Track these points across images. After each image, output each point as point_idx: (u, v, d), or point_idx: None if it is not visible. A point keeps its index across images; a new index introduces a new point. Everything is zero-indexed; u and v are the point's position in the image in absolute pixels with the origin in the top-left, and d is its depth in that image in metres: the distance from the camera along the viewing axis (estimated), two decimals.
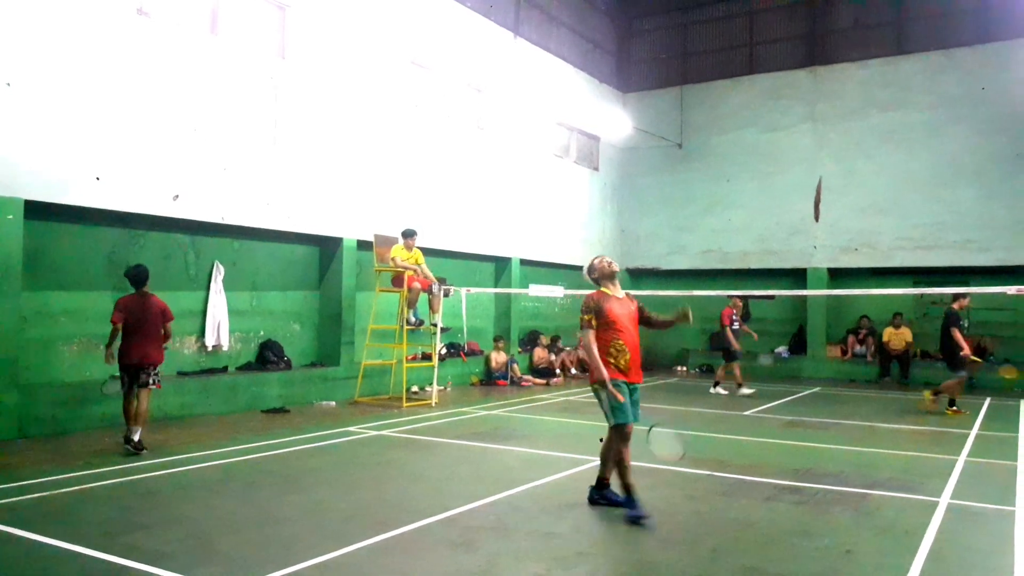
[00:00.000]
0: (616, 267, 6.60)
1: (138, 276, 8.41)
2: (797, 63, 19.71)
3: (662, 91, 21.46)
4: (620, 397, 5.88)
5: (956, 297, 12.38)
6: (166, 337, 8.46)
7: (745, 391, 14.47)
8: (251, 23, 11.67)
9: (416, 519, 5.77)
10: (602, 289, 6.36)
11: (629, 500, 5.92)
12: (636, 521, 5.75)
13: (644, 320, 6.43)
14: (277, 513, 5.93)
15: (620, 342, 6.06)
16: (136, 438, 8.04)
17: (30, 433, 8.83)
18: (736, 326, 14.90)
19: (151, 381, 8.26)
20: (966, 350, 11.91)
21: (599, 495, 6.31)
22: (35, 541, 5.14)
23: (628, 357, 6.06)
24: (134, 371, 8.19)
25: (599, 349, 6.02)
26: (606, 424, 6.10)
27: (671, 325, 6.60)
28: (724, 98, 20.53)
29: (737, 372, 14.73)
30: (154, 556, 4.86)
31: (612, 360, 6.01)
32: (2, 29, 8.61)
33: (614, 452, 6.06)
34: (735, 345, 14.74)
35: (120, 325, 8.11)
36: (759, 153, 19.89)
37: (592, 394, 6.24)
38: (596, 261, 6.58)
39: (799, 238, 19.33)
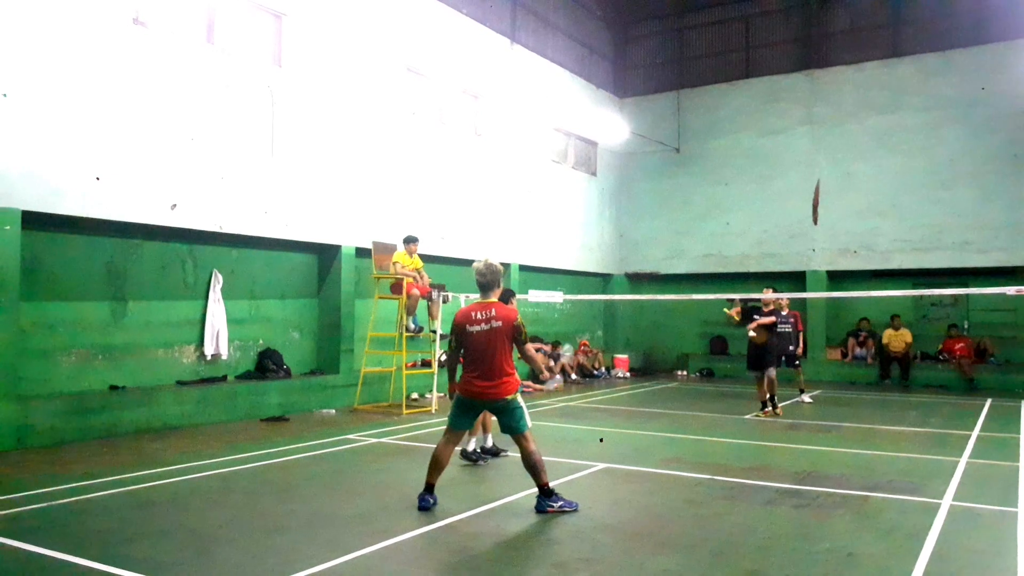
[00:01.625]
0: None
1: None
2: (793, 67, 19.75)
3: (659, 96, 21.50)
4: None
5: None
6: None
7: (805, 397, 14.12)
8: (247, 32, 11.68)
9: (417, 526, 5.76)
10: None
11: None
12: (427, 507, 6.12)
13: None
14: (276, 522, 5.90)
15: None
16: None
17: (28, 444, 8.80)
18: (783, 329, 13.41)
19: None
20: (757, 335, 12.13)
21: (548, 503, 6.22)
22: (33, 552, 5.11)
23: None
24: None
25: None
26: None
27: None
28: (721, 102, 20.56)
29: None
30: (153, 566, 4.84)
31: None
32: None
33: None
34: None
35: None
36: (757, 157, 19.92)
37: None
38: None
39: (798, 241, 19.34)
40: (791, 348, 13.79)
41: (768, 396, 12.24)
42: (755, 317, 12.70)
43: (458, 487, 7.31)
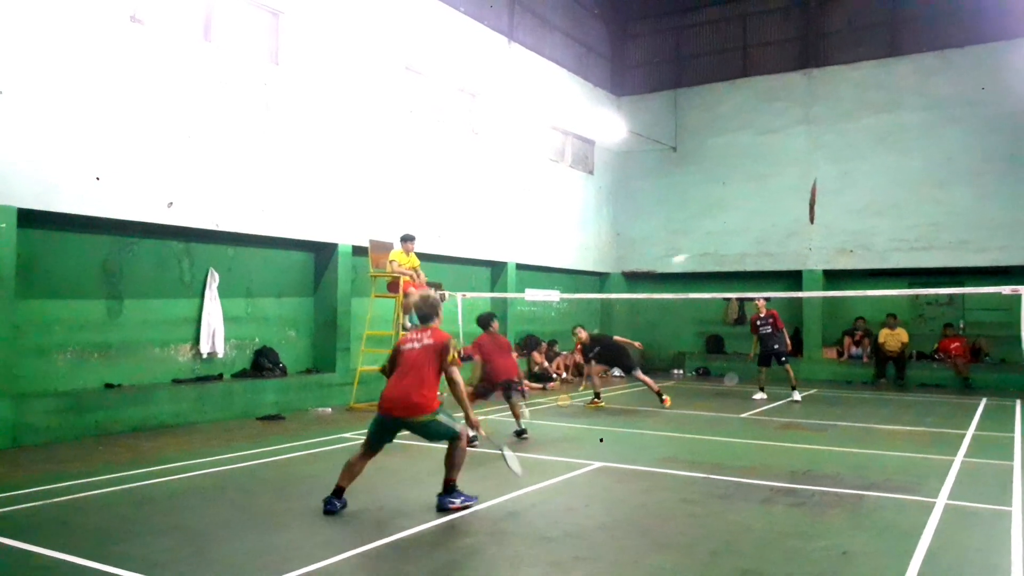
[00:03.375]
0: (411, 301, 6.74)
1: None
2: (791, 65, 19.77)
3: (657, 95, 21.51)
4: None
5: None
6: None
7: (756, 396, 14.28)
8: (244, 29, 11.66)
9: (412, 525, 5.75)
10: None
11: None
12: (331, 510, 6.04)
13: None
14: (273, 520, 5.90)
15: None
16: None
17: (24, 442, 8.78)
18: (765, 330, 14.65)
19: None
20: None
21: (449, 499, 6.23)
22: (29, 551, 5.11)
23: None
24: None
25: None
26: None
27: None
28: (719, 101, 20.57)
29: (761, 378, 14.65)
30: (148, 565, 4.84)
31: None
32: None
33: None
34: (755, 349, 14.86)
35: None
36: (754, 155, 19.93)
37: None
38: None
39: (795, 240, 19.36)
40: (775, 347, 14.51)
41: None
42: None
43: None
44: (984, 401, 14.05)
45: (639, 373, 13.40)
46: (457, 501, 6.21)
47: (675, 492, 6.92)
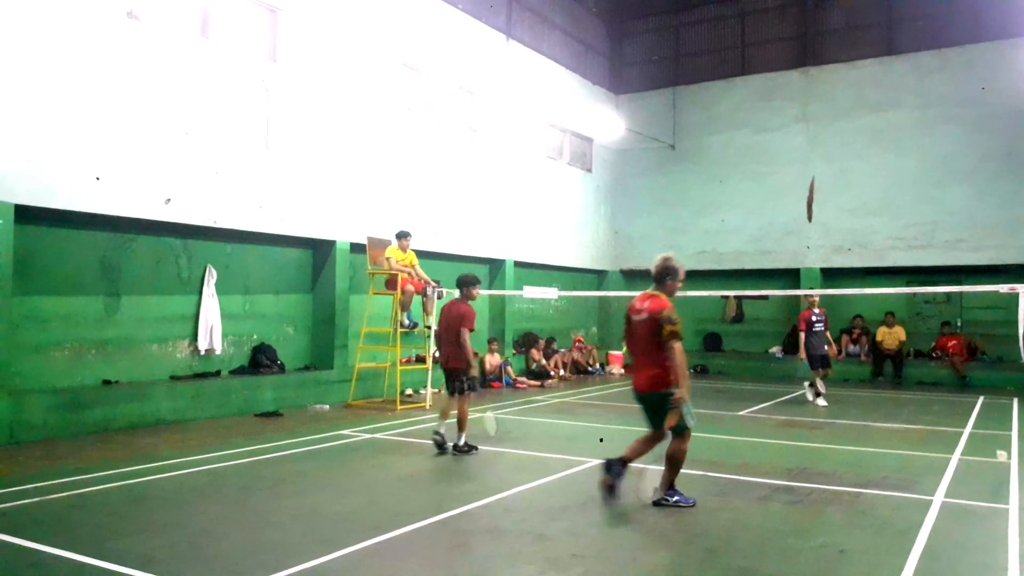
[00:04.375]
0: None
1: None
2: (789, 64, 19.77)
3: (655, 92, 21.50)
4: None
5: None
6: None
7: (819, 401, 13.24)
8: (242, 26, 11.64)
9: (409, 522, 5.75)
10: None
11: None
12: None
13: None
14: (269, 518, 5.90)
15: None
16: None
17: (21, 439, 8.77)
18: (818, 328, 13.40)
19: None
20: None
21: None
22: (26, 547, 5.10)
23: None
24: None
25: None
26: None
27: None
28: (716, 99, 20.57)
29: (818, 382, 13.42)
30: (145, 561, 4.83)
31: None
32: None
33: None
34: (803, 353, 13.35)
35: None
36: (752, 154, 19.94)
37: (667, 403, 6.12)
38: (676, 261, 6.71)
39: (792, 238, 19.37)
40: (826, 348, 13.49)
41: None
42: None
43: (450, 483, 7.32)
44: (981, 399, 14.08)
45: None
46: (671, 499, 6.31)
47: None
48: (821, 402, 13.20)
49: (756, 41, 20.39)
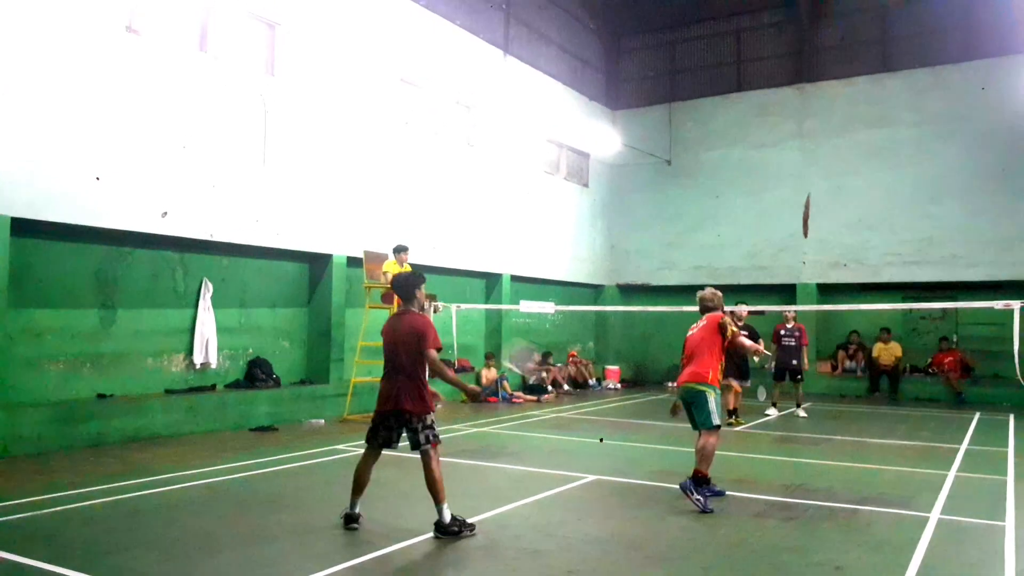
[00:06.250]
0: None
1: None
2: (785, 80, 19.89)
3: (651, 108, 21.60)
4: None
5: None
6: None
7: (771, 411, 13.84)
8: (240, 41, 11.69)
9: (404, 538, 5.73)
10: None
11: None
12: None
13: None
14: (263, 533, 5.87)
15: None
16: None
17: (14, 452, 8.72)
18: (788, 343, 13.90)
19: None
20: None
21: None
22: (18, 562, 5.06)
23: None
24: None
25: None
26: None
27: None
28: (713, 115, 20.68)
29: (775, 394, 14.06)
30: None
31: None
32: None
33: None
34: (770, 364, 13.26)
35: None
36: (748, 169, 20.02)
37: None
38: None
39: (788, 254, 19.42)
40: (794, 362, 13.92)
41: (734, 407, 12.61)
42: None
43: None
44: (978, 416, 14.07)
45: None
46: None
47: (668, 506, 6.90)
48: (772, 412, 13.79)
49: (752, 58, 20.53)
